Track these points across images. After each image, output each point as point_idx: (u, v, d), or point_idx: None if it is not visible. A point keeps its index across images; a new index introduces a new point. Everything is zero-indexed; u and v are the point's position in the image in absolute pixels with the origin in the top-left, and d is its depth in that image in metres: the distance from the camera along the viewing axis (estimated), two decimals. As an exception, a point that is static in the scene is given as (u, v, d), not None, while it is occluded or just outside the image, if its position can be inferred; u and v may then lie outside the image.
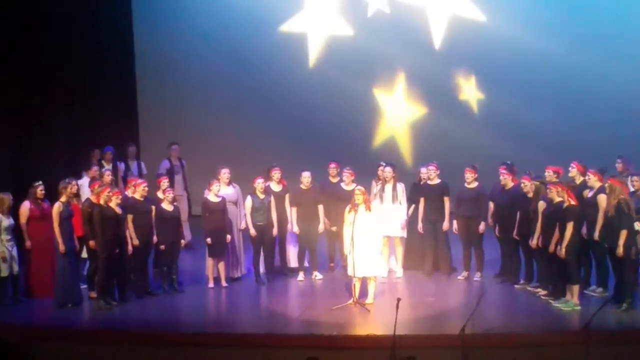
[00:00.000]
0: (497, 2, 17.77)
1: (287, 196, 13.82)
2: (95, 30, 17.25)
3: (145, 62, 18.30)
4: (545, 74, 17.45)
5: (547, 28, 17.31)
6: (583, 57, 17.17)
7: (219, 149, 17.45)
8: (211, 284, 13.36)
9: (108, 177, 13.35)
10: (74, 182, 12.75)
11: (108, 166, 14.95)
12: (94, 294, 12.57)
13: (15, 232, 12.65)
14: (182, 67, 18.40)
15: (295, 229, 13.67)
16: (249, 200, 13.50)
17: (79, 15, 16.89)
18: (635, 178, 12.26)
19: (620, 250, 11.27)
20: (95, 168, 14.43)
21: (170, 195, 13.09)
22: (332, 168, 14.11)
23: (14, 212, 12.67)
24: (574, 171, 12.55)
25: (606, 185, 11.57)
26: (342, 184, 13.79)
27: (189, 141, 17.12)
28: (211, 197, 13.33)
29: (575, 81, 17.33)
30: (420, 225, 13.68)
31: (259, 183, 13.49)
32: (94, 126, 16.84)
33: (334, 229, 13.73)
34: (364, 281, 12.17)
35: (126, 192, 12.93)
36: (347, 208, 12.27)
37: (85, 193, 13.41)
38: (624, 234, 11.24)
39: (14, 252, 12.57)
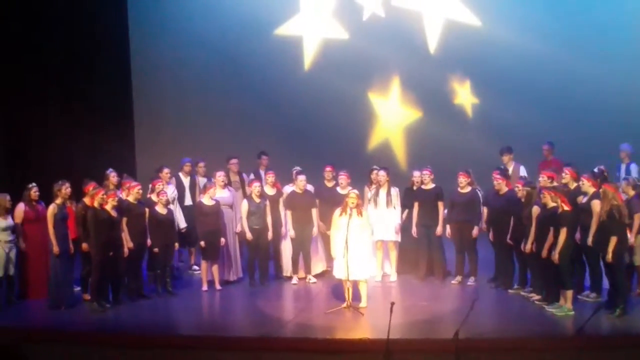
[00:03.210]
0: (492, 7, 17.79)
1: (281, 200, 13.83)
2: (91, 35, 17.27)
3: (141, 66, 18.35)
4: (540, 79, 17.44)
5: (542, 32, 17.31)
6: (578, 62, 17.18)
7: (215, 153, 17.40)
8: (205, 287, 13.37)
9: (113, 178, 13.24)
10: (67, 184, 12.65)
11: (186, 178, 14.60)
12: (87, 296, 12.57)
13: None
14: (177, 71, 18.38)
15: (291, 233, 13.67)
16: (245, 204, 13.50)
17: (76, 19, 16.94)
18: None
19: (609, 257, 11.26)
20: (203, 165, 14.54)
21: (164, 198, 13.05)
22: (328, 172, 14.09)
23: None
24: (567, 177, 12.53)
25: (600, 190, 11.57)
26: (338, 188, 13.78)
27: (184, 144, 17.13)
28: (205, 200, 13.32)
29: (570, 85, 17.31)
30: (414, 229, 13.68)
31: (256, 187, 13.49)
32: (88, 128, 16.81)
33: (329, 232, 13.72)
34: (355, 284, 12.17)
35: (120, 195, 12.89)
36: (337, 211, 12.25)
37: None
38: (613, 240, 11.23)
39: (12, 254, 12.52)
